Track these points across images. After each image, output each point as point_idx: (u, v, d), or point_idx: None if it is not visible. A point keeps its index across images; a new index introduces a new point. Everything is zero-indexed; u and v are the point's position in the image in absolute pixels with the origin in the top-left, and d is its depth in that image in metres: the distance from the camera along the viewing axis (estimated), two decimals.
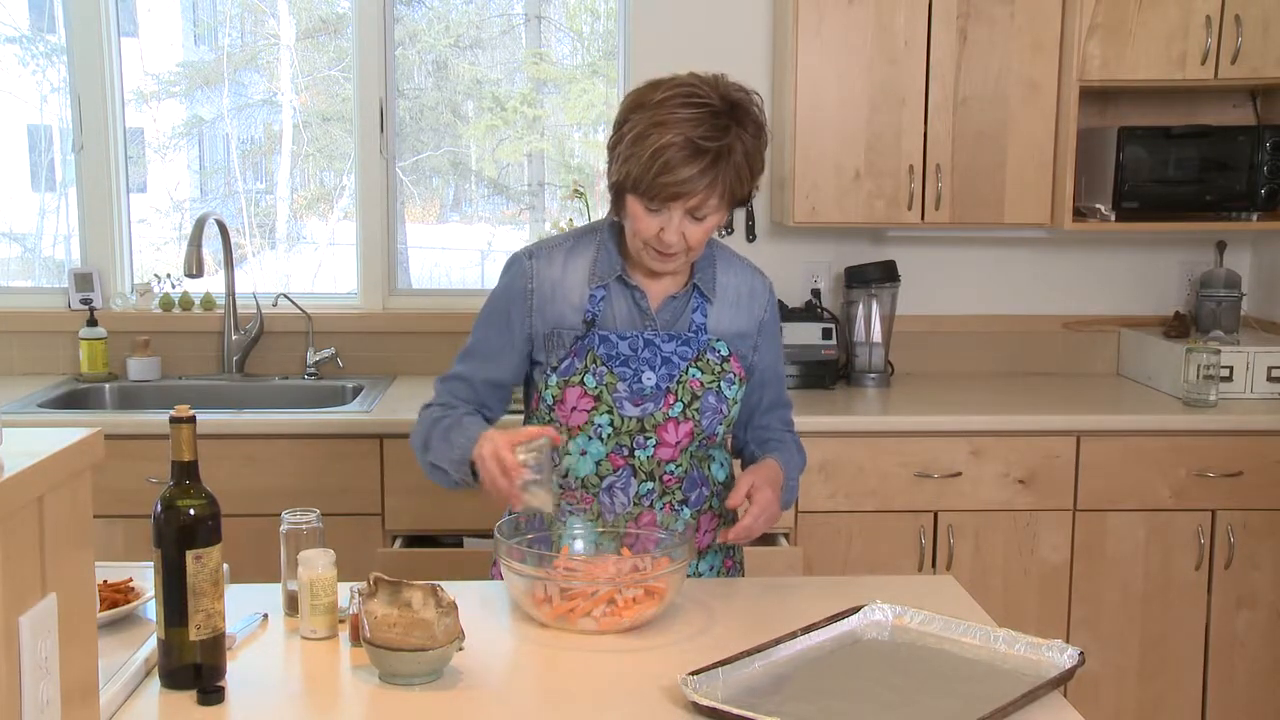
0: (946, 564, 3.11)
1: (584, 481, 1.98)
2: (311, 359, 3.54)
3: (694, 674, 1.55)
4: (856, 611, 1.80)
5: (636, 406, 1.95)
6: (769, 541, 2.88)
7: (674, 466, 1.99)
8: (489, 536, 2.74)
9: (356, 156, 3.66)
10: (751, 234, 3.61)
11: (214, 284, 3.63)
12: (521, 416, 2.10)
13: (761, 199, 3.61)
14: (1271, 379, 3.29)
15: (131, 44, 3.72)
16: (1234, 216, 3.38)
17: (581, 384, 1.94)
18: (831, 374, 3.43)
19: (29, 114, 3.79)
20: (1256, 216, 3.35)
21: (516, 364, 2.03)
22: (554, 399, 1.96)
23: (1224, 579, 3.16)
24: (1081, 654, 1.65)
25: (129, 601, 1.81)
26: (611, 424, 1.95)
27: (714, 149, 1.81)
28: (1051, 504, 3.12)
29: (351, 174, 3.74)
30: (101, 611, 1.74)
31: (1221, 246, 3.66)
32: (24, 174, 3.84)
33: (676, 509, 1.99)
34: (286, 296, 3.57)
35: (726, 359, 2.00)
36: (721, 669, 1.58)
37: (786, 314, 3.45)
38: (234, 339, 3.55)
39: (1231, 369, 3.28)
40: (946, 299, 3.70)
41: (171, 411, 1.59)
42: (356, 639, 1.69)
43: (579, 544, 1.94)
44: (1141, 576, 3.15)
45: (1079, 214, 3.35)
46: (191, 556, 1.57)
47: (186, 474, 1.59)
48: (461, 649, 1.65)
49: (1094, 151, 3.36)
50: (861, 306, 3.51)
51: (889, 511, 3.11)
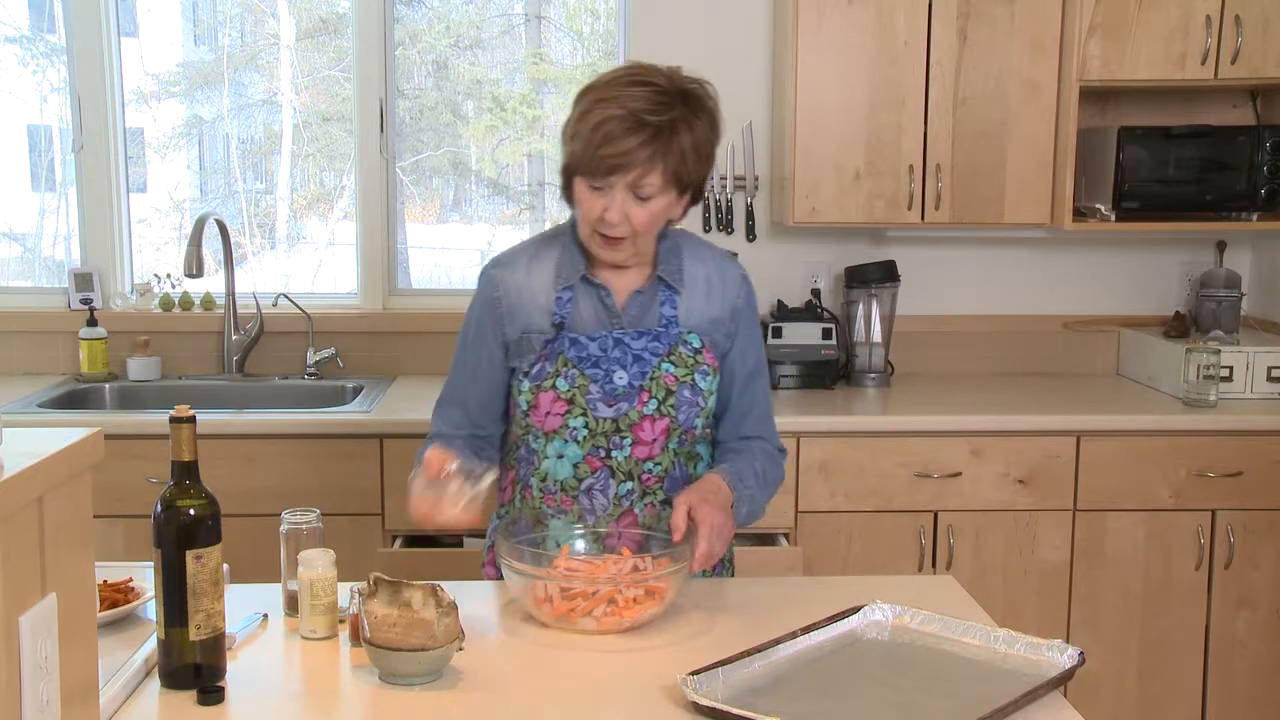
0: (946, 564, 3.11)
1: (562, 485, 1.97)
2: (311, 359, 3.54)
3: (694, 674, 1.55)
4: (856, 611, 1.80)
5: (610, 407, 1.93)
6: (769, 541, 2.88)
7: (654, 465, 1.97)
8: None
9: (356, 156, 3.66)
10: (751, 234, 3.61)
11: (214, 284, 3.63)
12: None
13: (761, 199, 3.61)
14: (1271, 379, 3.29)
15: (131, 44, 3.72)
16: (1234, 216, 3.38)
17: (554, 388, 1.93)
18: (831, 374, 3.43)
19: (29, 114, 3.79)
20: (1256, 216, 3.35)
21: (501, 376, 2.02)
22: (528, 404, 1.95)
23: (1224, 579, 3.16)
24: (1081, 654, 1.65)
25: (129, 601, 1.81)
26: (586, 426, 1.94)
27: (656, 123, 1.81)
28: (1051, 504, 3.12)
29: (351, 174, 3.74)
30: (101, 611, 1.74)
31: (1221, 246, 3.66)
32: (24, 174, 3.84)
33: (658, 509, 1.97)
34: (286, 296, 3.57)
35: (699, 351, 1.98)
36: (721, 669, 1.58)
37: (786, 314, 3.46)
38: (234, 339, 3.55)
39: (1231, 369, 3.28)
40: (946, 299, 3.70)
41: (171, 411, 1.59)
42: (356, 639, 1.69)
43: (579, 544, 1.94)
44: (1141, 576, 3.15)
45: (1079, 214, 3.35)
46: (191, 556, 1.57)
47: (186, 474, 1.59)
48: (461, 649, 1.65)
49: (1094, 151, 3.36)
50: (861, 306, 3.51)
51: (889, 511, 3.11)
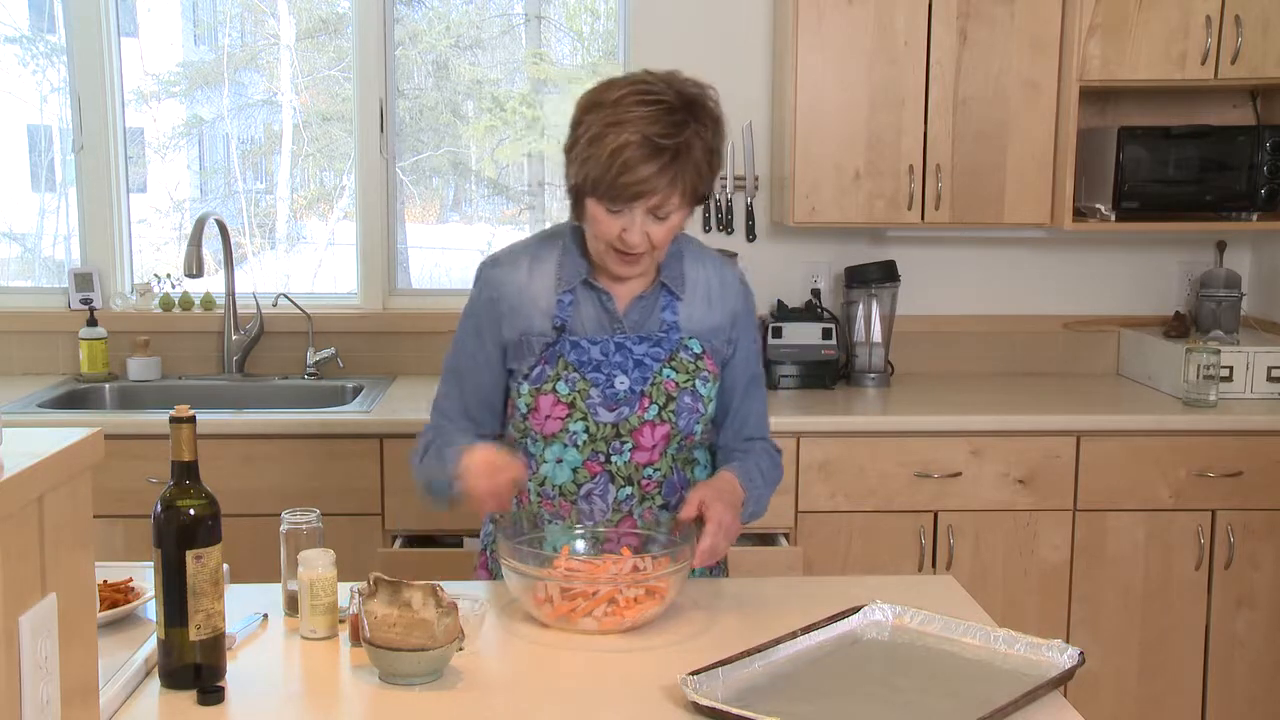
0: (946, 564, 3.11)
1: (561, 489, 1.97)
2: (311, 359, 3.54)
3: (694, 674, 1.55)
4: (856, 611, 1.80)
5: (611, 412, 1.93)
6: (769, 541, 2.88)
7: (653, 470, 1.97)
8: None
9: (356, 156, 3.66)
10: (751, 234, 3.61)
11: (214, 284, 3.63)
12: None
13: (761, 199, 3.61)
14: (1271, 379, 3.29)
15: (131, 44, 3.72)
16: (1234, 216, 3.38)
17: (554, 391, 1.92)
18: (831, 374, 3.43)
19: (29, 114, 3.79)
20: (1256, 216, 3.35)
21: (499, 376, 2.01)
22: (527, 407, 1.95)
23: (1224, 579, 3.16)
24: (1081, 654, 1.65)
25: (129, 601, 1.81)
26: (586, 430, 1.93)
27: (672, 146, 1.79)
28: (1051, 504, 3.12)
29: (351, 174, 3.74)
30: (101, 611, 1.74)
31: (1221, 246, 3.66)
32: (24, 174, 3.84)
33: (656, 513, 1.97)
34: (286, 296, 3.57)
35: (700, 356, 1.97)
36: (721, 669, 1.58)
37: (786, 314, 3.46)
38: (234, 339, 3.55)
39: (1231, 369, 3.28)
40: (946, 299, 3.70)
41: (171, 411, 1.59)
42: (356, 639, 1.69)
43: (579, 544, 1.94)
44: (1141, 576, 3.15)
45: (1079, 214, 3.35)
46: (191, 556, 1.57)
47: (186, 474, 1.59)
48: (461, 649, 1.65)
49: (1094, 151, 3.36)
50: (861, 306, 3.51)
51: (889, 511, 3.11)
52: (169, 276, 3.63)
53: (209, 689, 1.56)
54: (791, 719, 1.46)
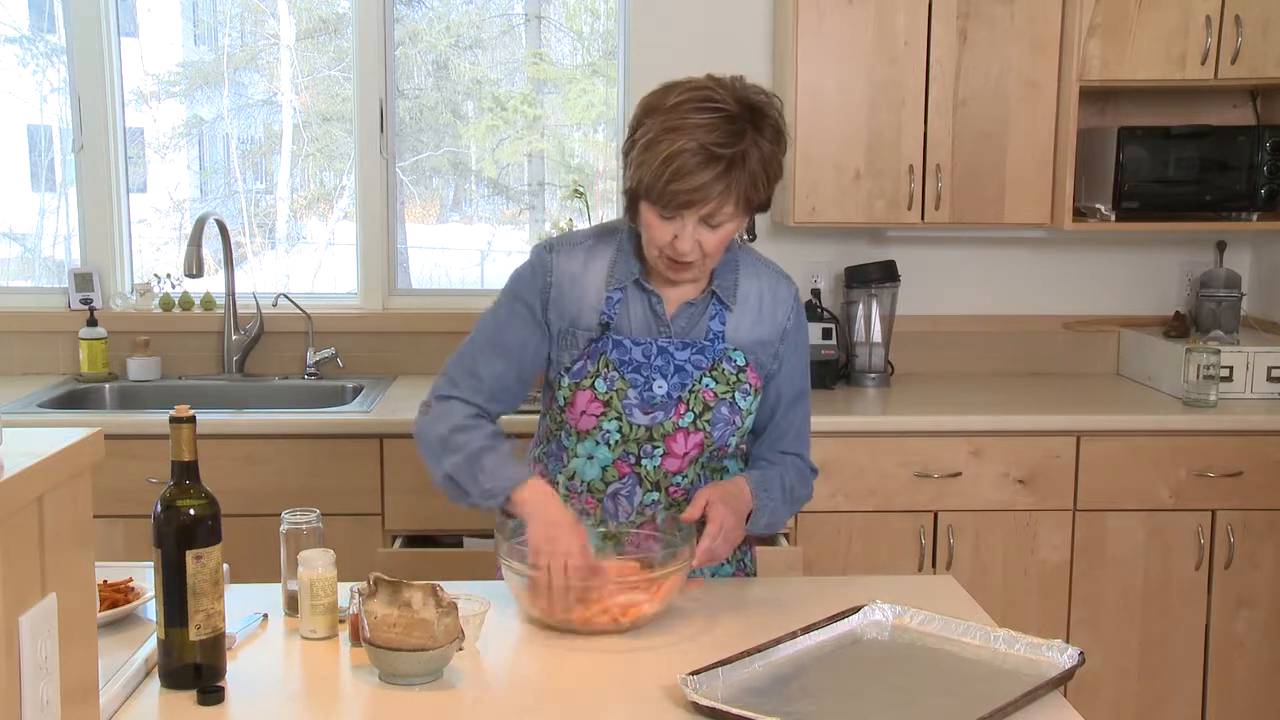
0: (946, 564, 3.11)
1: (589, 486, 1.97)
2: (311, 359, 3.54)
3: (694, 674, 1.55)
4: (856, 611, 1.80)
5: (646, 415, 1.91)
6: (769, 541, 2.88)
7: (681, 479, 1.95)
8: (489, 537, 2.74)
9: (356, 156, 3.66)
10: (751, 234, 3.60)
11: (214, 284, 3.63)
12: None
13: None
14: (1271, 379, 3.29)
15: (131, 44, 3.72)
16: (1234, 216, 3.38)
17: (592, 388, 1.91)
18: (831, 374, 3.43)
19: (29, 114, 3.79)
20: (1256, 216, 3.36)
21: (538, 359, 1.97)
22: (565, 400, 1.93)
23: (1224, 579, 3.16)
24: (1081, 654, 1.65)
25: (129, 601, 1.81)
26: (620, 431, 1.92)
27: (728, 155, 1.76)
28: (1051, 504, 3.12)
29: (351, 174, 3.74)
30: (101, 611, 1.74)
31: (1221, 246, 3.66)
32: (24, 174, 3.84)
33: (675, 520, 1.93)
34: (286, 296, 3.57)
35: (743, 369, 1.95)
36: (721, 669, 1.58)
37: None
38: (234, 339, 3.55)
39: (1231, 369, 3.28)
40: (946, 299, 3.70)
41: (171, 411, 1.59)
42: (356, 639, 1.69)
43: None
44: (1141, 576, 3.15)
45: (1079, 214, 3.35)
46: (191, 556, 1.57)
47: (186, 474, 1.59)
48: (461, 649, 1.65)
49: (1094, 151, 3.36)
50: (861, 306, 3.51)
51: (889, 511, 3.11)
52: (169, 276, 3.63)
53: (209, 689, 1.56)
54: (791, 719, 1.46)
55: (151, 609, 1.70)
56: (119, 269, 3.66)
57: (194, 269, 3.30)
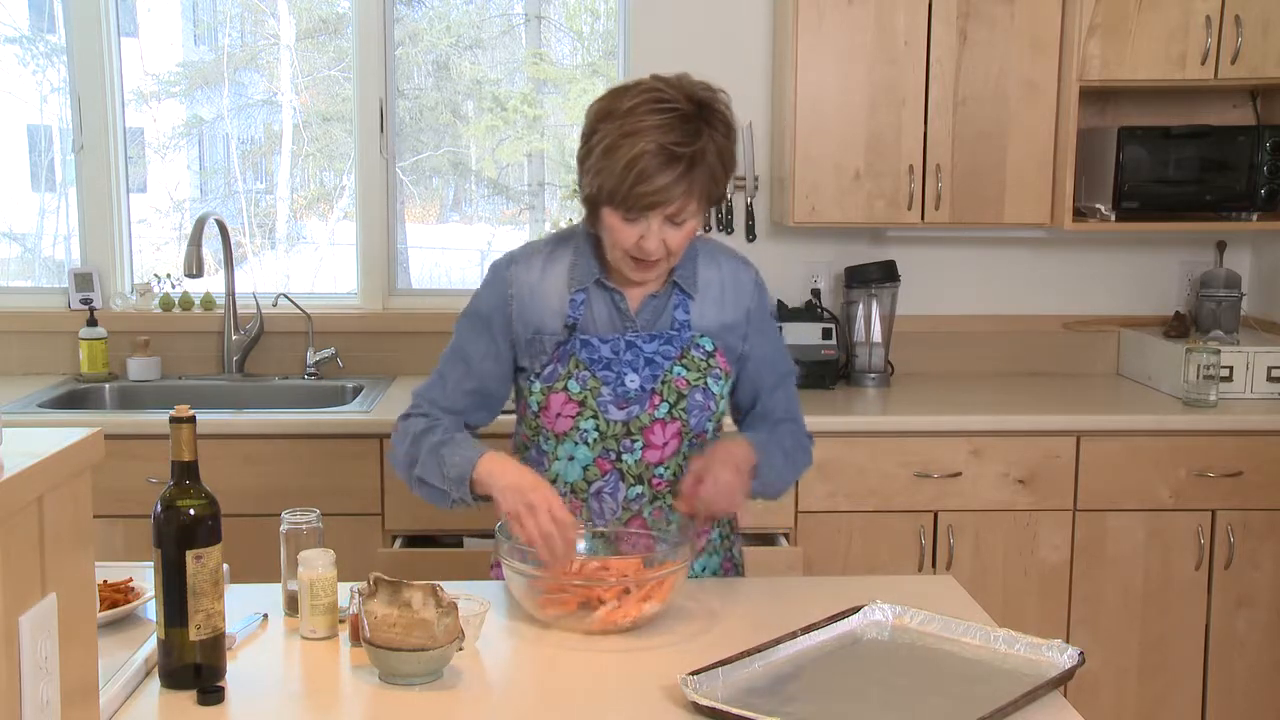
0: (946, 564, 3.11)
1: (572, 487, 1.97)
2: (311, 359, 3.54)
3: (694, 674, 1.55)
4: (856, 611, 1.80)
5: (621, 410, 1.93)
6: (769, 542, 2.88)
7: (663, 470, 1.97)
8: (489, 536, 2.74)
9: (356, 156, 3.66)
10: (751, 234, 3.61)
11: (214, 284, 3.63)
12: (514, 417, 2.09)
13: (761, 199, 3.61)
14: (1271, 379, 3.29)
15: (131, 44, 3.72)
16: (1234, 216, 3.38)
17: (565, 390, 1.93)
18: (831, 374, 3.43)
19: (29, 114, 3.79)
20: (1256, 216, 3.35)
21: (500, 373, 2.00)
22: (539, 405, 1.95)
23: (1224, 579, 3.16)
24: (1081, 654, 1.65)
25: (129, 601, 1.81)
26: (597, 428, 1.93)
27: (688, 154, 1.78)
28: (1051, 504, 3.12)
29: (351, 174, 3.74)
30: (101, 611, 1.74)
31: (1221, 246, 3.66)
32: (24, 174, 3.84)
33: (666, 513, 1.97)
34: (286, 296, 3.57)
35: (711, 354, 1.97)
36: (721, 669, 1.58)
37: (786, 314, 3.45)
38: (234, 339, 3.55)
39: (1231, 369, 3.28)
40: (946, 299, 3.70)
41: (171, 411, 1.59)
42: (356, 639, 1.69)
43: (580, 544, 1.94)
44: (1141, 576, 3.15)
45: (1079, 214, 3.35)
46: (191, 556, 1.57)
47: (186, 474, 1.59)
48: (461, 649, 1.65)
49: (1094, 151, 3.36)
50: (861, 306, 3.51)
51: (889, 511, 3.11)
52: (169, 276, 3.63)
53: (209, 689, 1.56)
54: (791, 719, 1.46)
55: (151, 609, 1.70)
56: (119, 269, 3.66)
57: (194, 269, 3.30)
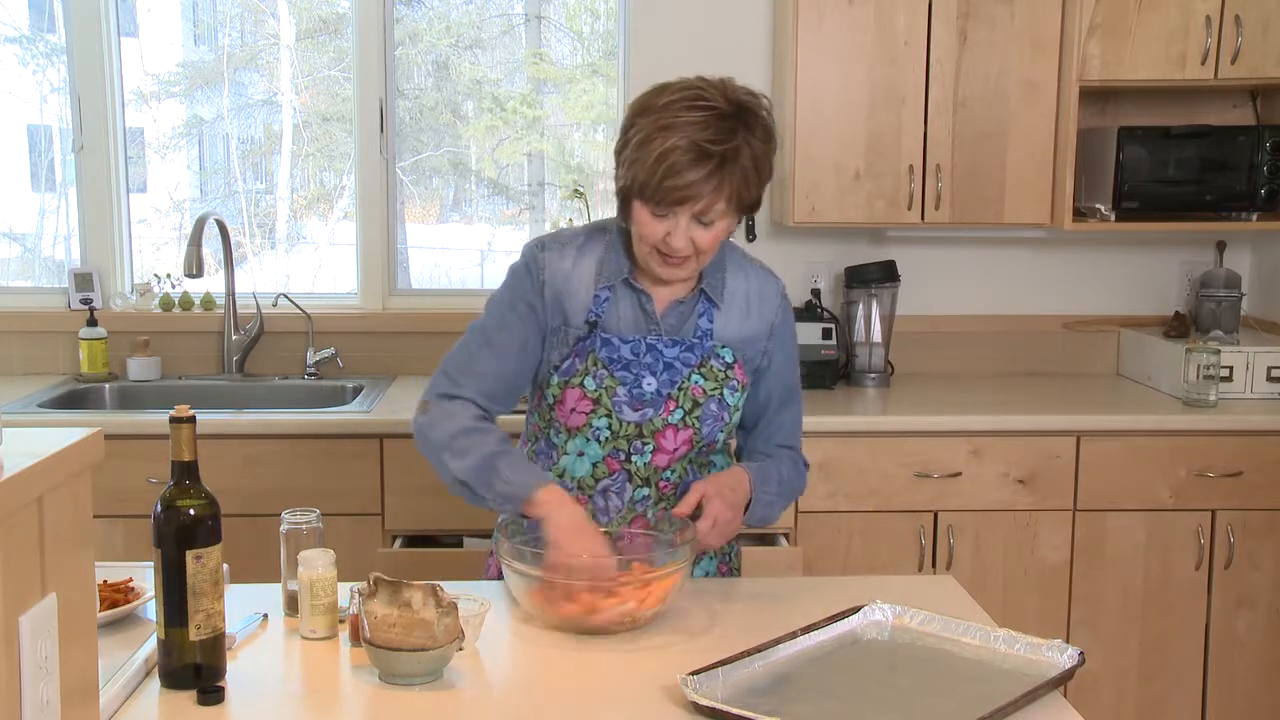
0: (946, 564, 3.11)
1: (579, 483, 1.97)
2: (311, 359, 3.54)
3: (694, 674, 1.55)
4: (856, 611, 1.80)
5: (636, 411, 1.92)
6: (769, 541, 2.88)
7: (670, 474, 1.97)
8: (489, 536, 2.74)
9: (356, 156, 3.66)
10: (751, 234, 3.61)
11: (214, 284, 3.63)
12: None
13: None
14: (1271, 379, 3.29)
15: (131, 44, 3.72)
16: (1234, 216, 3.38)
17: (581, 386, 1.92)
18: (831, 374, 3.43)
19: (29, 114, 3.79)
20: (1256, 216, 3.36)
21: (532, 362, 1.97)
22: (554, 399, 1.95)
23: (1224, 579, 3.16)
24: (1081, 654, 1.65)
25: (129, 601, 1.81)
26: (609, 427, 1.93)
27: (720, 152, 1.78)
28: (1051, 504, 3.12)
29: (351, 174, 3.74)
30: (101, 611, 1.74)
31: (1221, 246, 3.66)
32: (24, 174, 3.84)
33: (668, 515, 1.95)
34: (286, 296, 3.57)
35: (730, 366, 1.97)
36: (721, 669, 1.58)
37: None
38: (234, 339, 3.55)
39: (1231, 369, 3.28)
40: (946, 299, 3.70)
41: (171, 411, 1.59)
42: (356, 639, 1.69)
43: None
44: (1141, 576, 3.15)
45: (1079, 214, 3.35)
46: (191, 556, 1.57)
47: (186, 474, 1.59)
48: (461, 649, 1.65)
49: (1094, 151, 3.36)
50: (861, 306, 3.51)
51: (889, 511, 3.11)
52: (169, 276, 3.63)
53: (209, 689, 1.56)
54: (791, 719, 1.46)
55: (151, 609, 1.70)
56: (119, 269, 3.66)
57: (194, 269, 3.30)
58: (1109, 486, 3.12)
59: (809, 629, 1.73)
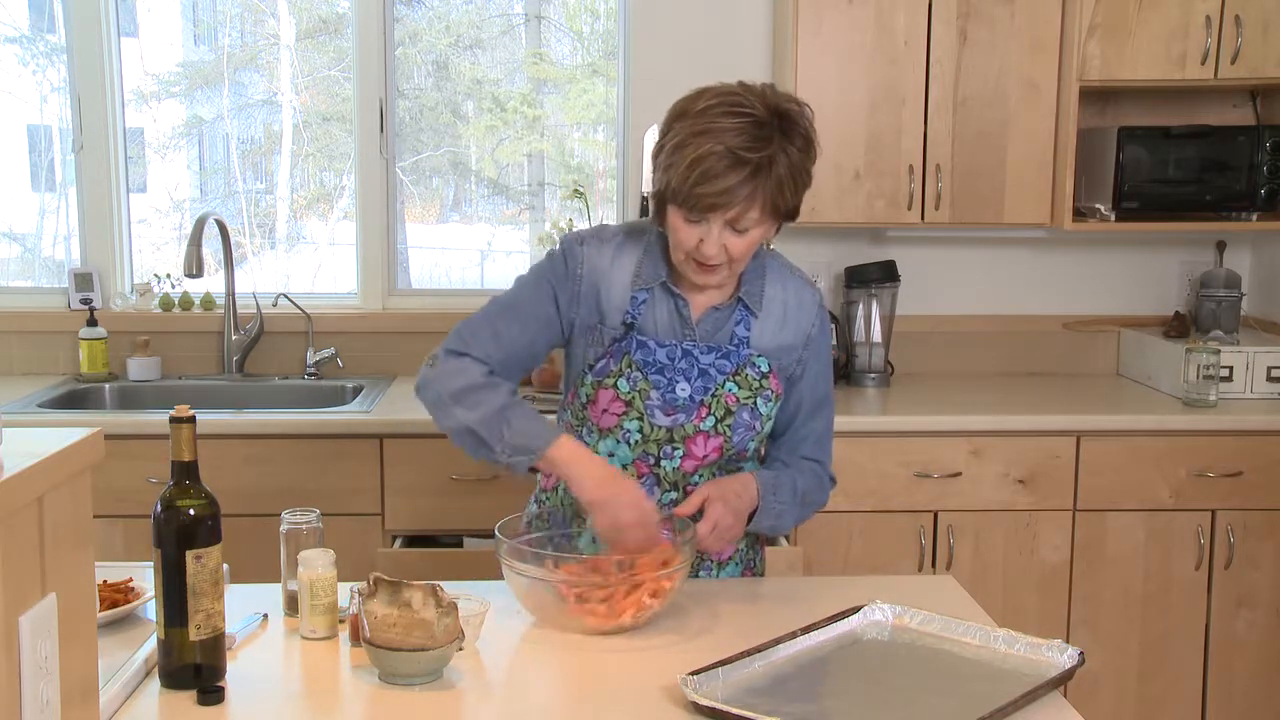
0: (946, 564, 3.11)
1: None
2: (311, 359, 3.54)
3: (694, 674, 1.55)
4: (856, 611, 1.80)
5: (668, 416, 1.91)
6: (769, 541, 2.88)
7: (698, 479, 1.96)
8: (489, 536, 2.74)
9: (356, 156, 3.66)
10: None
11: (214, 284, 3.63)
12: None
13: None
14: (1271, 379, 3.29)
15: (131, 44, 3.72)
16: (1234, 216, 3.38)
17: (615, 387, 1.91)
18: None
19: (29, 114, 3.79)
20: (1256, 216, 3.36)
21: (548, 341, 1.96)
22: (587, 398, 1.93)
23: (1224, 579, 3.16)
24: (1081, 654, 1.65)
25: (129, 601, 1.81)
26: (640, 431, 1.92)
27: (755, 160, 1.76)
28: (1051, 504, 3.12)
29: (351, 174, 3.74)
30: (101, 611, 1.74)
31: (1221, 246, 3.66)
32: (24, 174, 3.84)
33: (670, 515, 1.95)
34: (286, 296, 3.57)
35: (766, 375, 1.95)
36: (721, 669, 1.58)
37: None
38: (234, 339, 3.55)
39: (1231, 369, 3.28)
40: (946, 299, 3.70)
41: (171, 411, 1.59)
42: (356, 639, 1.69)
43: (582, 540, 1.94)
44: (1141, 576, 3.15)
45: (1079, 214, 3.35)
46: (191, 556, 1.57)
47: (186, 474, 1.59)
48: (461, 649, 1.65)
49: (1094, 151, 3.36)
50: (861, 306, 3.51)
51: (889, 511, 3.11)
52: (169, 276, 3.63)
53: (209, 689, 1.56)
54: (791, 719, 1.46)
55: (151, 609, 1.70)
56: (119, 269, 3.66)
57: (194, 269, 3.30)
58: (1109, 486, 3.12)
59: (809, 629, 1.73)
